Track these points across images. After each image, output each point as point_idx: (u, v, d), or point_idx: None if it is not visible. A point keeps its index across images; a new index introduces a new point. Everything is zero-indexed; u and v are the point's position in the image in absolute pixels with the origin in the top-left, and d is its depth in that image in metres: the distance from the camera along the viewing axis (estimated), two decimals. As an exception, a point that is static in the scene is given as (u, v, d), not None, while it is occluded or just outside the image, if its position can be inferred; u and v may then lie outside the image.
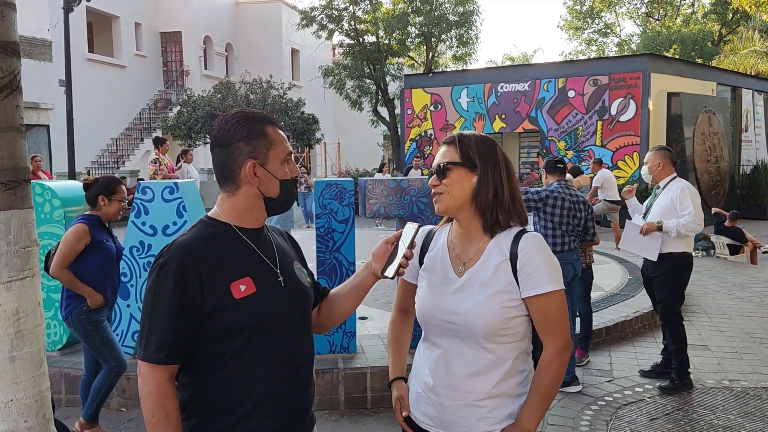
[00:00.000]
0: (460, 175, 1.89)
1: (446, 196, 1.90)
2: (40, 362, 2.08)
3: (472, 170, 1.90)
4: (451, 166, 1.89)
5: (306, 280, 1.88)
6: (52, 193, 4.96)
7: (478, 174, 1.90)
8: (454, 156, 1.91)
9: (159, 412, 1.63)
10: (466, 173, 1.90)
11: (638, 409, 4.53)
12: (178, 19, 26.71)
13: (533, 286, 1.83)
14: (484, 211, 1.90)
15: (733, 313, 7.11)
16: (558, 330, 1.87)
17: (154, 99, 26.03)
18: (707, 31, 31.88)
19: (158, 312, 1.64)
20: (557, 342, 1.87)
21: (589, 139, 16.27)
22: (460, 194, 1.89)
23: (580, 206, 4.95)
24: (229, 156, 1.73)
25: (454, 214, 1.93)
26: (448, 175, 1.89)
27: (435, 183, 1.92)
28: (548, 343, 1.88)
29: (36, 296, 2.08)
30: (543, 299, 1.84)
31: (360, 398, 4.61)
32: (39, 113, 19.84)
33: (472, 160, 1.90)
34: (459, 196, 1.89)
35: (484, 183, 1.89)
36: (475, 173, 1.90)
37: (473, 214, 1.92)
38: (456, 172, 1.89)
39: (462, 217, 1.93)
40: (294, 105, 20.69)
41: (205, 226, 1.76)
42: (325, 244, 4.82)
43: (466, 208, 1.91)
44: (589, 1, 36.37)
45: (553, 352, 1.86)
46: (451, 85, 18.65)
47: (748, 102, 19.90)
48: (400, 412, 2.05)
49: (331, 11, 23.21)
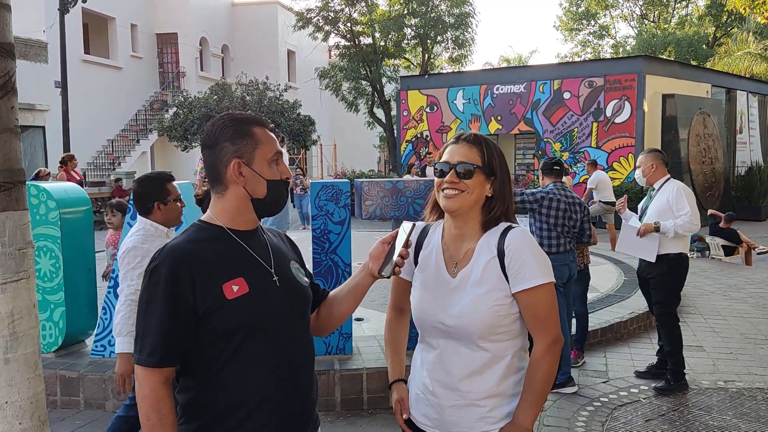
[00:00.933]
0: (480, 180, 1.90)
1: (466, 196, 1.89)
2: (35, 364, 2.07)
3: (489, 177, 1.91)
4: (477, 170, 1.89)
5: (304, 280, 1.87)
6: (48, 195, 4.94)
7: (495, 184, 1.92)
8: (477, 159, 1.91)
9: (154, 416, 1.63)
10: (484, 179, 1.91)
11: (634, 410, 4.54)
12: (174, 20, 26.68)
13: (521, 281, 1.84)
14: (491, 219, 1.92)
15: (728, 314, 7.13)
16: (547, 324, 1.87)
17: (150, 100, 25.98)
18: (702, 33, 32.02)
19: (151, 316, 1.65)
20: (547, 337, 1.87)
21: (584, 141, 16.31)
22: (477, 198, 1.90)
23: (576, 208, 4.96)
24: (216, 156, 1.74)
25: (461, 214, 1.93)
26: (473, 177, 1.89)
27: (455, 180, 1.90)
28: (538, 338, 1.88)
29: (31, 298, 2.08)
30: (531, 293, 1.84)
31: (356, 400, 4.61)
32: (34, 114, 19.79)
33: (493, 168, 1.92)
34: (476, 201, 1.90)
35: (500, 194, 1.92)
36: (490, 181, 1.91)
37: (476, 217, 1.93)
38: (478, 176, 1.90)
39: (463, 219, 1.94)
40: (290, 106, 20.68)
41: (197, 229, 1.77)
42: (321, 245, 4.82)
43: (475, 213, 1.93)
44: (585, 3, 36.48)
45: (544, 348, 1.87)
46: (447, 86, 18.66)
47: (743, 104, 19.96)
48: (401, 414, 2.05)
49: (328, 13, 23.21)
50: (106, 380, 4.58)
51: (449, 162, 1.91)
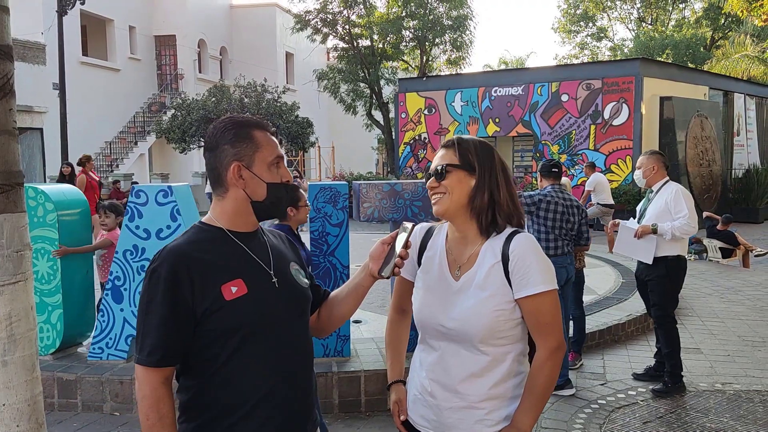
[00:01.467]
0: (458, 178, 1.91)
1: (447, 197, 1.91)
2: (32, 366, 2.07)
3: (470, 173, 1.92)
4: (451, 168, 1.91)
5: (303, 281, 1.88)
6: (45, 197, 4.94)
7: (476, 177, 1.92)
8: (453, 159, 1.93)
9: (153, 416, 1.65)
10: (465, 176, 1.92)
11: (631, 412, 4.54)
12: (173, 22, 26.68)
13: (525, 287, 1.84)
14: (479, 214, 1.92)
15: (726, 317, 7.14)
16: (551, 330, 1.87)
17: (148, 102, 25.98)
18: (700, 35, 32.09)
19: (151, 316, 1.66)
20: (551, 343, 1.87)
21: (582, 143, 16.33)
22: (459, 196, 1.91)
23: (574, 210, 4.96)
24: (216, 159, 1.76)
25: (452, 217, 1.94)
26: (448, 177, 1.91)
27: (434, 185, 1.93)
28: (541, 343, 1.88)
29: (29, 300, 2.08)
30: (535, 300, 1.84)
31: (354, 402, 4.61)
32: (32, 116, 19.77)
33: (471, 163, 1.92)
34: (458, 199, 1.91)
35: (481, 186, 1.91)
36: (473, 176, 1.92)
37: (469, 217, 1.93)
38: (455, 174, 1.91)
39: (459, 221, 1.94)
40: (288, 108, 20.69)
41: (197, 230, 1.78)
42: (319, 247, 4.82)
43: (464, 211, 1.93)
44: (583, 5, 36.56)
45: (547, 353, 1.87)
46: (445, 88, 18.70)
47: (740, 106, 20.01)
48: (398, 415, 2.05)
49: (326, 15, 23.24)
50: (104, 383, 4.57)
51: (432, 169, 1.96)
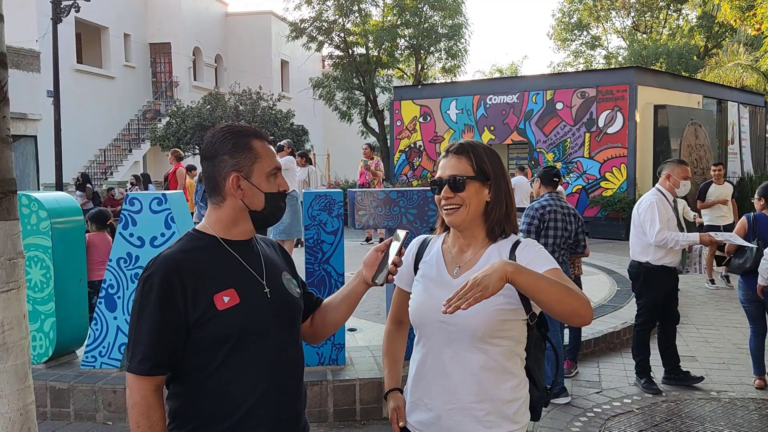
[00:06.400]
0: (475, 189, 1.89)
1: (464, 209, 1.89)
2: (25, 375, 2.06)
3: (484, 183, 1.91)
4: (469, 181, 1.89)
5: (295, 290, 1.89)
6: (39, 205, 4.91)
7: (492, 188, 1.90)
8: (468, 169, 1.90)
9: (144, 423, 1.65)
10: (480, 186, 1.90)
11: (627, 420, 4.54)
12: (168, 30, 26.70)
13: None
14: (493, 224, 1.91)
15: (721, 325, 7.15)
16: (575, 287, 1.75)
17: (143, 110, 25.95)
18: (693, 44, 32.28)
19: (143, 324, 1.67)
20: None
21: (577, 151, 16.37)
22: (476, 207, 1.90)
23: (572, 218, 4.97)
24: (215, 168, 1.76)
25: (466, 227, 1.93)
26: (466, 189, 1.89)
27: (449, 195, 1.89)
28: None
29: (21, 308, 2.06)
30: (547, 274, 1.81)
31: (349, 410, 4.59)
32: (27, 124, 19.73)
33: (486, 173, 1.91)
34: (475, 210, 1.90)
35: (498, 197, 1.91)
36: (487, 186, 1.91)
37: (481, 225, 1.93)
38: (471, 185, 1.89)
39: (469, 231, 1.94)
40: (283, 116, 20.70)
41: (191, 238, 1.79)
42: (314, 255, 4.81)
43: (478, 222, 1.92)
44: (577, 14, 36.75)
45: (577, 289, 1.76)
46: (440, 96, 18.72)
47: (734, 115, 20.10)
48: (397, 422, 2.05)
49: (321, 23, 23.27)
50: (97, 391, 4.54)
51: (442, 177, 1.92)
